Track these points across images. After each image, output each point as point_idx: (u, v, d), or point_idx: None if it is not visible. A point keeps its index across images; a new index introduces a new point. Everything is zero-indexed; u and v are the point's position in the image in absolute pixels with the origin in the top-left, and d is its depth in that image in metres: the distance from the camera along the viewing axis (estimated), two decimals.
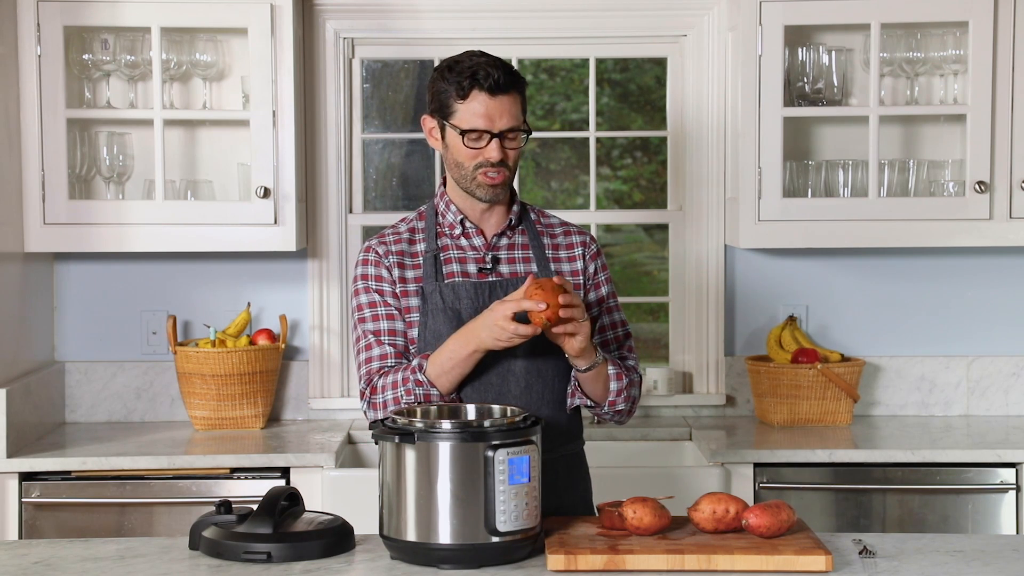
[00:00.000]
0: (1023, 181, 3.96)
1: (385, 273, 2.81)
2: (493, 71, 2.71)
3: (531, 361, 2.76)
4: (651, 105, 5.25)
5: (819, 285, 4.33)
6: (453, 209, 2.83)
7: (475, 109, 2.71)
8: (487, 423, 2.45)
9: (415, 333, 2.78)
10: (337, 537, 2.53)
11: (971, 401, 4.32)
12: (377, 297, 2.81)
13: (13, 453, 3.73)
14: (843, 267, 4.33)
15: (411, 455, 2.41)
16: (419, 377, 2.70)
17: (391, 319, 2.80)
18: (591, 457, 3.02)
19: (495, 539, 2.40)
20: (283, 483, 3.73)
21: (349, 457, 4.05)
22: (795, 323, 4.24)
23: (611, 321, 2.92)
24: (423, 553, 2.42)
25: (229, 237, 4.00)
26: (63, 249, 4.03)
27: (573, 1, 4.26)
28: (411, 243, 2.84)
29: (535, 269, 2.83)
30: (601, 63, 4.61)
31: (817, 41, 4.15)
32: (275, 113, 3.98)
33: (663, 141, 4.44)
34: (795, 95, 4.11)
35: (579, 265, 2.88)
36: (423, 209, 2.90)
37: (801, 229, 4.00)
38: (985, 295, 4.33)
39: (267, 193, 3.97)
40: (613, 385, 2.79)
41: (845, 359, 4.20)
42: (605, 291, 2.92)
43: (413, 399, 2.71)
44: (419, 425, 2.44)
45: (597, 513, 2.70)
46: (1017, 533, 3.76)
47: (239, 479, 3.74)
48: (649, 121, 5.30)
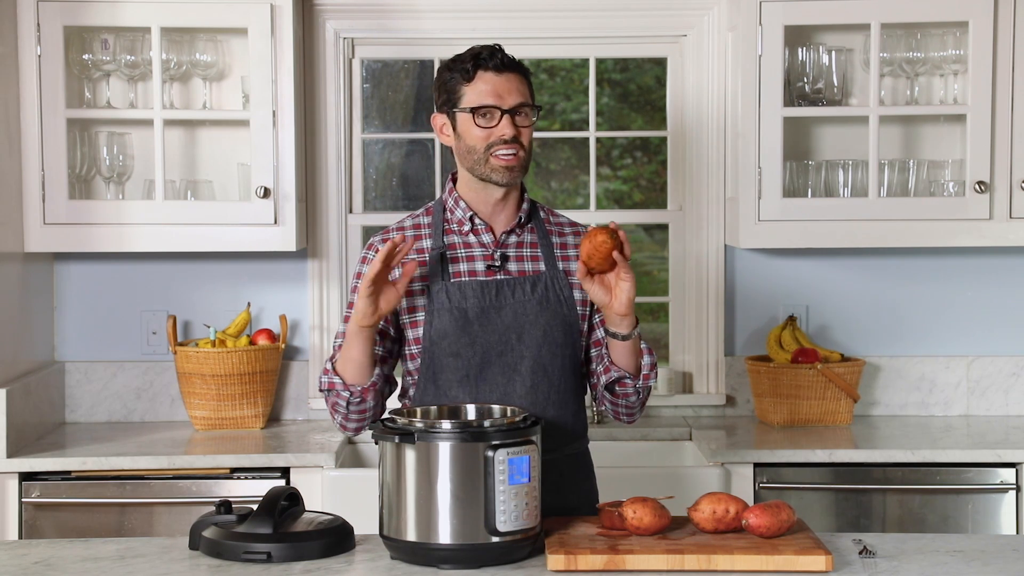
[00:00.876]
0: (1023, 181, 3.96)
1: None
2: (497, 52, 2.75)
3: (537, 360, 2.76)
4: (651, 105, 5.24)
5: (819, 285, 4.33)
6: (463, 205, 2.81)
7: (482, 88, 2.72)
8: (487, 423, 2.45)
9: (420, 332, 2.77)
10: (337, 537, 2.53)
11: (971, 401, 4.32)
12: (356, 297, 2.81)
13: (13, 453, 3.73)
14: (843, 267, 4.33)
15: (411, 455, 2.41)
16: (327, 365, 2.73)
17: None
18: (591, 457, 3.02)
19: (495, 539, 2.40)
20: (283, 483, 3.73)
21: (349, 457, 4.05)
22: (795, 323, 4.24)
23: None
24: (423, 553, 2.42)
25: (229, 237, 4.00)
26: (63, 249, 4.03)
27: (573, 1, 4.26)
28: (417, 239, 2.82)
29: (543, 268, 2.82)
30: (601, 63, 4.61)
31: (817, 41, 4.15)
32: (275, 113, 3.98)
33: (663, 141, 4.44)
34: (795, 95, 4.11)
35: None
36: (431, 205, 2.89)
37: (801, 229, 4.00)
38: (985, 295, 4.33)
39: (267, 193, 3.97)
40: (646, 359, 2.79)
41: (845, 359, 4.20)
42: None
43: (325, 388, 2.73)
44: (419, 425, 2.44)
45: (597, 513, 2.70)
46: (1017, 533, 3.76)
47: (239, 479, 3.74)
48: (649, 121, 5.30)
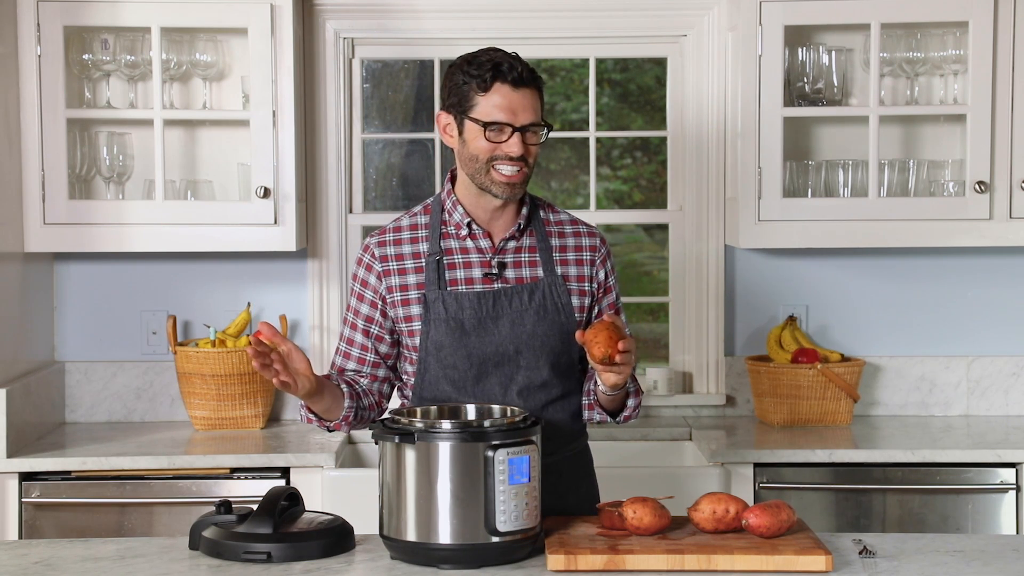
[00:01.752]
0: (1023, 181, 3.96)
1: (373, 280, 2.79)
2: (516, 64, 2.68)
3: (534, 371, 2.75)
4: (651, 105, 5.24)
5: (819, 285, 4.33)
6: (460, 210, 2.78)
7: (497, 102, 2.67)
8: (487, 423, 2.45)
9: (417, 342, 2.77)
10: (337, 537, 2.53)
11: (971, 401, 4.32)
12: (355, 302, 2.82)
13: (13, 453, 3.73)
14: (843, 267, 4.33)
15: (411, 455, 2.41)
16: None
17: (353, 328, 2.82)
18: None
19: (495, 539, 2.40)
20: (283, 483, 3.73)
21: (349, 457, 4.05)
22: (795, 323, 4.24)
23: None
24: (423, 553, 2.42)
25: (229, 237, 4.00)
26: (63, 249, 4.03)
27: (573, 1, 4.26)
28: (413, 241, 2.80)
29: (541, 274, 2.79)
30: (601, 63, 4.61)
31: (817, 41, 4.15)
32: (275, 113, 3.98)
33: (663, 141, 4.44)
34: (795, 95, 4.11)
35: (587, 271, 2.84)
36: (429, 203, 2.85)
37: (801, 229, 4.00)
38: (985, 295, 4.33)
39: (267, 193, 3.97)
40: (631, 401, 2.80)
41: (845, 359, 4.20)
42: (614, 295, 2.89)
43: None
44: (419, 425, 2.44)
45: (597, 513, 2.70)
46: (1017, 533, 3.76)
47: (239, 479, 3.74)
48: (649, 121, 5.30)
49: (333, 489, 3.70)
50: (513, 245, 2.80)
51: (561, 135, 5.50)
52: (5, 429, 3.69)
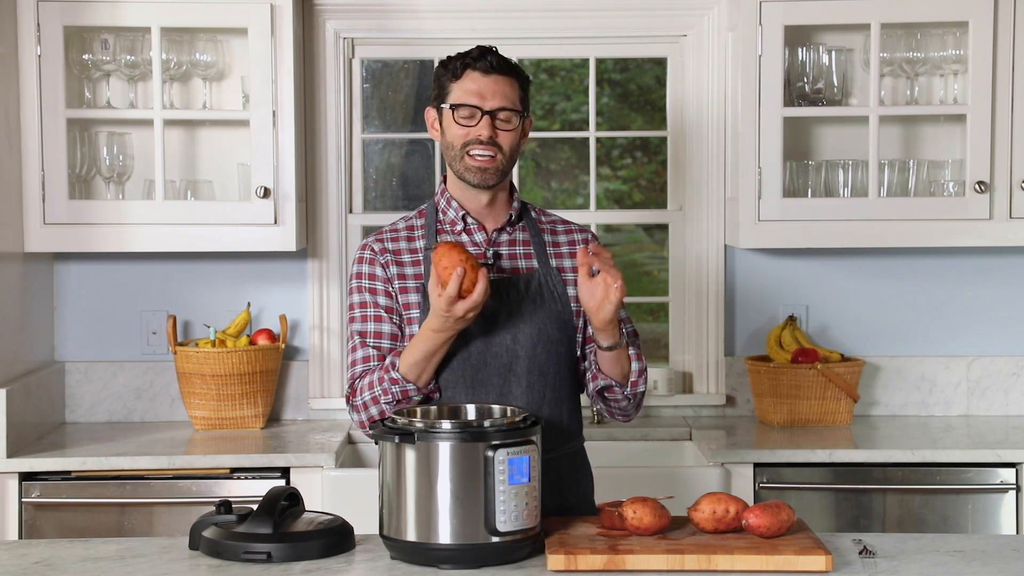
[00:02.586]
0: (1023, 181, 3.96)
1: (379, 271, 2.81)
2: (488, 54, 2.76)
3: (532, 360, 2.76)
4: (651, 105, 5.24)
5: (819, 285, 4.33)
6: (455, 205, 2.83)
7: (467, 87, 2.74)
8: (487, 423, 2.45)
9: (416, 329, 2.77)
10: (337, 537, 2.53)
11: (971, 401, 4.32)
12: (368, 297, 2.81)
13: (13, 453, 3.73)
14: (843, 267, 4.33)
15: (411, 455, 2.41)
16: (393, 375, 2.71)
17: (378, 321, 2.80)
18: (591, 457, 3.02)
19: (495, 539, 2.40)
20: (283, 483, 3.73)
21: (349, 457, 4.05)
22: (795, 323, 4.24)
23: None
24: (423, 553, 2.42)
25: (229, 237, 4.00)
26: (63, 249, 4.03)
27: (573, 1, 4.26)
28: (410, 240, 2.84)
29: (536, 265, 2.83)
30: (601, 63, 4.61)
31: (817, 41, 4.15)
32: (275, 113, 3.98)
33: (663, 141, 4.44)
34: (795, 95, 4.11)
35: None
36: (423, 207, 2.90)
37: (801, 229, 4.00)
38: (985, 295, 4.33)
39: (267, 193, 3.97)
40: (635, 365, 2.78)
41: (845, 359, 4.20)
42: None
43: (391, 397, 2.71)
44: (419, 425, 2.44)
45: (597, 513, 2.70)
46: (1017, 533, 3.76)
47: (239, 479, 3.74)
48: (649, 121, 5.30)
49: (333, 489, 3.70)
50: (507, 238, 2.85)
51: (561, 135, 5.49)
52: (5, 429, 3.69)
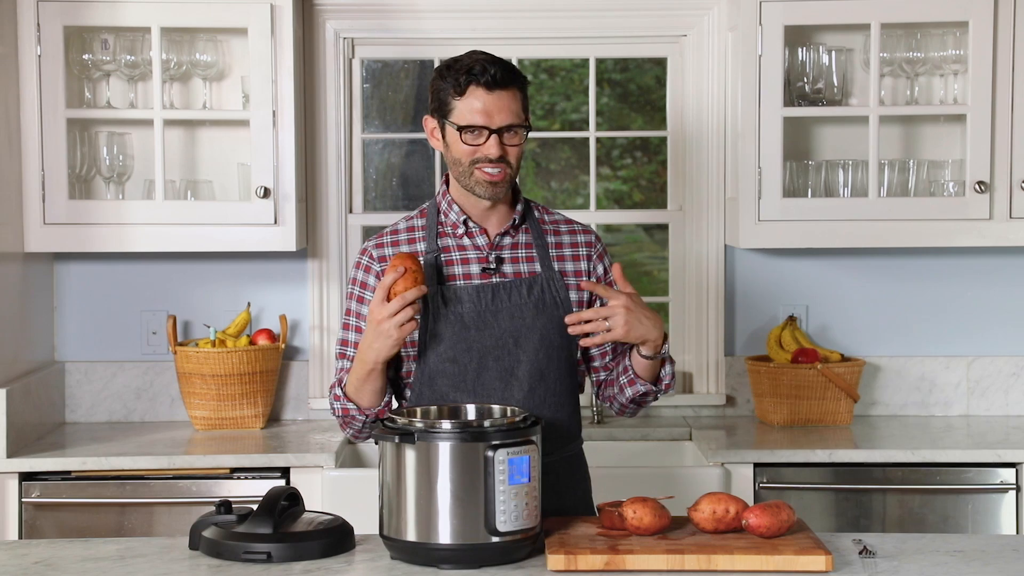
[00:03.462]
0: (1023, 181, 3.96)
1: (372, 280, 2.81)
2: (490, 67, 2.69)
3: (534, 364, 2.76)
4: (651, 105, 5.24)
5: (819, 285, 4.33)
6: (456, 208, 2.81)
7: (472, 105, 2.69)
8: (487, 423, 2.45)
9: (415, 337, 2.77)
10: (337, 537, 2.53)
11: (971, 401, 4.32)
12: (355, 305, 2.82)
13: (13, 453, 3.73)
14: (843, 267, 4.33)
15: (411, 455, 2.41)
16: (337, 391, 2.75)
17: (359, 332, 2.81)
18: (591, 457, 3.03)
19: (495, 539, 2.40)
20: (283, 483, 3.73)
21: (349, 457, 4.05)
22: (795, 323, 4.24)
23: None
24: (423, 553, 2.42)
25: (229, 237, 4.00)
26: (63, 249, 4.03)
27: (573, 1, 4.26)
28: (410, 243, 2.83)
29: (539, 269, 2.82)
30: (601, 63, 4.61)
31: (817, 41, 4.14)
32: (275, 113, 3.98)
33: (663, 141, 4.44)
34: (795, 95, 4.11)
35: (584, 266, 2.87)
36: (425, 207, 2.89)
37: (801, 229, 4.00)
38: (985, 295, 4.33)
39: (267, 193, 3.97)
40: (668, 368, 2.82)
41: (845, 359, 4.20)
42: (616, 289, 2.90)
43: (336, 413, 2.77)
44: (419, 425, 2.44)
45: (597, 513, 2.70)
46: (1017, 533, 3.75)
47: (239, 479, 3.74)
48: (649, 121, 5.29)
49: (333, 489, 3.70)
50: (509, 241, 2.83)
51: (561, 135, 5.50)
52: (5, 429, 3.69)
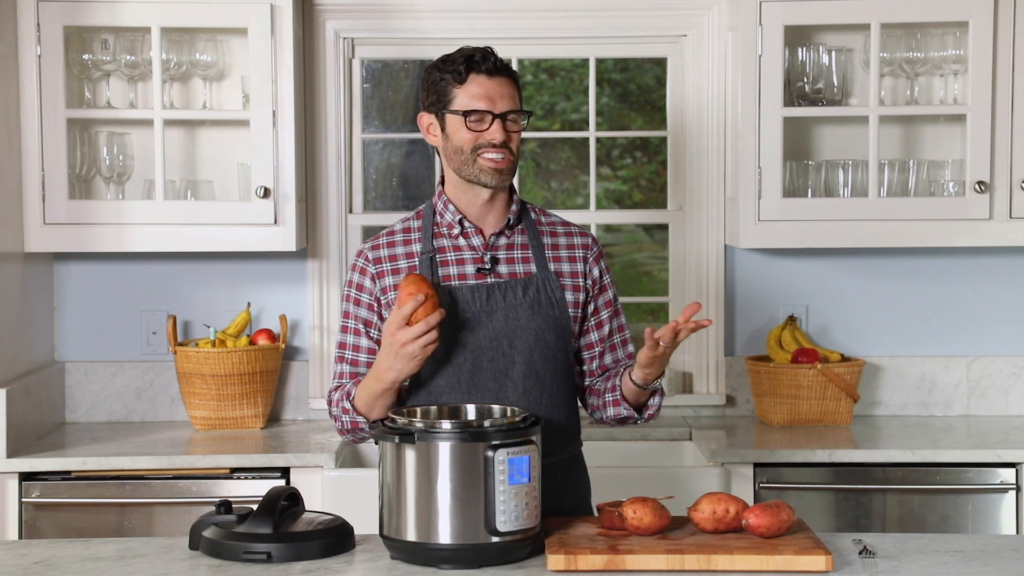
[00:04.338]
0: (1023, 181, 3.96)
1: (368, 283, 2.81)
2: (489, 55, 2.76)
3: (529, 365, 2.76)
4: (651, 105, 5.24)
5: (819, 285, 4.33)
6: (452, 208, 2.82)
7: (475, 91, 2.73)
8: (487, 423, 2.45)
9: None
10: (337, 537, 2.53)
11: (971, 401, 4.32)
12: (352, 307, 2.83)
13: (13, 453, 3.73)
14: (843, 267, 4.33)
15: (411, 455, 2.41)
16: (346, 404, 2.75)
17: (356, 334, 2.82)
18: (591, 458, 3.03)
19: (495, 539, 2.40)
20: (283, 483, 3.73)
21: (349, 457, 4.05)
22: (795, 323, 4.24)
23: (618, 324, 2.92)
24: (423, 553, 2.42)
25: (229, 237, 4.00)
26: (63, 249, 4.03)
27: (573, 1, 4.26)
28: (406, 243, 2.83)
29: (534, 269, 2.82)
30: (601, 63, 4.61)
31: (817, 41, 4.15)
32: (275, 113, 3.98)
33: (663, 141, 4.44)
34: (795, 95, 4.11)
35: (580, 267, 2.87)
36: (421, 209, 2.89)
37: (801, 229, 4.00)
38: (985, 295, 4.33)
39: (267, 193, 3.97)
40: (656, 399, 2.82)
41: (845, 359, 4.20)
42: (611, 293, 2.91)
43: (341, 425, 2.78)
44: (419, 425, 2.44)
45: (597, 513, 2.70)
46: (1017, 533, 3.76)
47: (239, 479, 3.74)
48: (649, 121, 5.30)
49: (333, 489, 3.70)
50: (505, 241, 2.83)
51: (561, 135, 5.50)
52: (5, 429, 3.69)
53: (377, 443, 2.48)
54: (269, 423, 4.23)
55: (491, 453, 2.39)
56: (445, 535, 2.40)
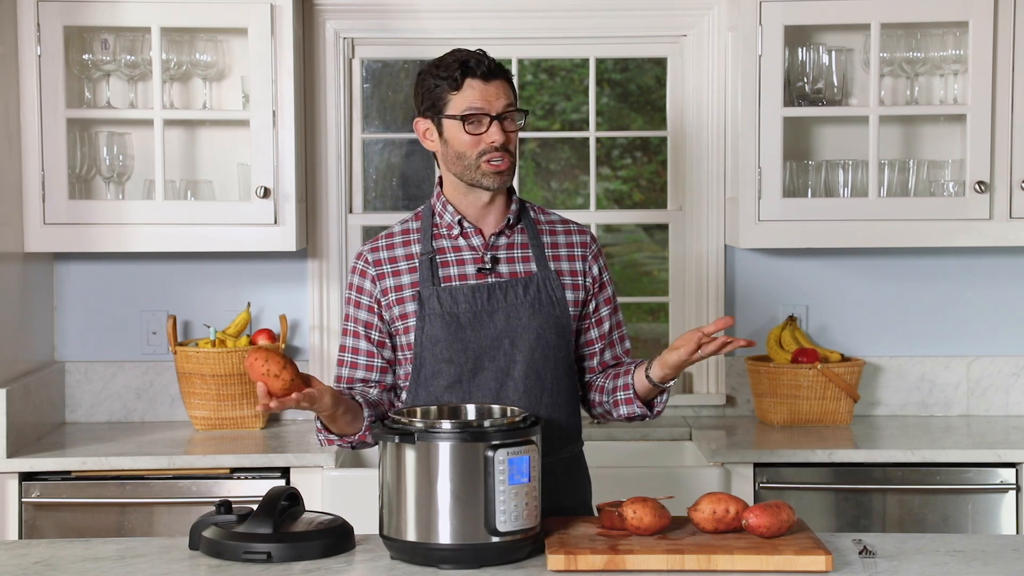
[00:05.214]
0: (1023, 181, 3.96)
1: (368, 285, 2.82)
2: (483, 59, 2.75)
3: (530, 364, 2.76)
4: (651, 105, 5.24)
5: (819, 285, 4.33)
6: (451, 209, 2.82)
7: (470, 95, 2.72)
8: (487, 423, 2.45)
9: (411, 339, 2.77)
10: (337, 537, 2.53)
11: (971, 401, 4.32)
12: (352, 310, 2.84)
13: (13, 453, 3.73)
14: (843, 267, 4.33)
15: (411, 455, 2.41)
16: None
17: (356, 337, 2.83)
18: (591, 458, 3.03)
19: (495, 539, 2.40)
20: (283, 483, 3.73)
21: (349, 457, 4.04)
22: (795, 323, 4.24)
23: (616, 322, 2.93)
24: (423, 553, 2.42)
25: (229, 237, 4.00)
26: (63, 249, 4.03)
27: (573, 1, 4.26)
28: (406, 244, 2.83)
29: (535, 268, 2.82)
30: (601, 63, 4.61)
31: (817, 41, 4.15)
32: (275, 113, 3.98)
33: (663, 141, 4.44)
34: (795, 95, 4.11)
35: (579, 266, 2.87)
36: (420, 210, 2.89)
37: (801, 229, 4.00)
38: (985, 295, 4.33)
39: (267, 193, 3.97)
40: (665, 396, 2.83)
41: (845, 359, 4.20)
42: (610, 291, 2.92)
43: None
44: (419, 425, 2.44)
45: (597, 513, 2.70)
46: (1017, 533, 3.76)
47: (239, 479, 3.74)
48: (649, 121, 5.30)
49: (333, 489, 3.70)
50: (505, 241, 2.84)
51: (561, 135, 5.50)
52: (5, 429, 3.69)
53: (377, 443, 2.48)
54: (269, 423, 4.23)
55: (491, 453, 2.39)
56: (445, 535, 2.40)
